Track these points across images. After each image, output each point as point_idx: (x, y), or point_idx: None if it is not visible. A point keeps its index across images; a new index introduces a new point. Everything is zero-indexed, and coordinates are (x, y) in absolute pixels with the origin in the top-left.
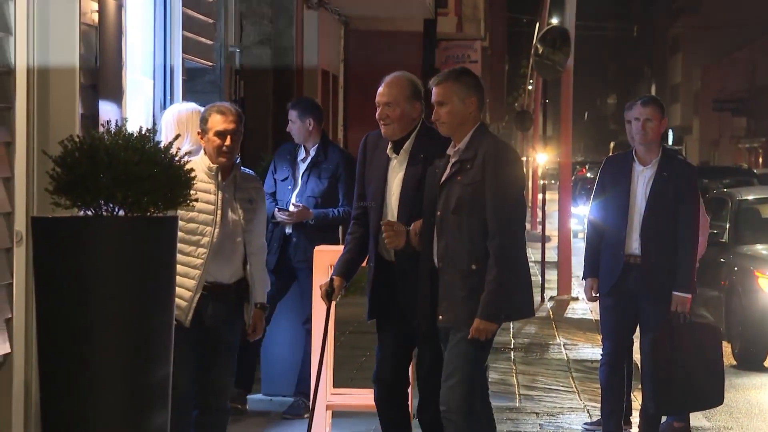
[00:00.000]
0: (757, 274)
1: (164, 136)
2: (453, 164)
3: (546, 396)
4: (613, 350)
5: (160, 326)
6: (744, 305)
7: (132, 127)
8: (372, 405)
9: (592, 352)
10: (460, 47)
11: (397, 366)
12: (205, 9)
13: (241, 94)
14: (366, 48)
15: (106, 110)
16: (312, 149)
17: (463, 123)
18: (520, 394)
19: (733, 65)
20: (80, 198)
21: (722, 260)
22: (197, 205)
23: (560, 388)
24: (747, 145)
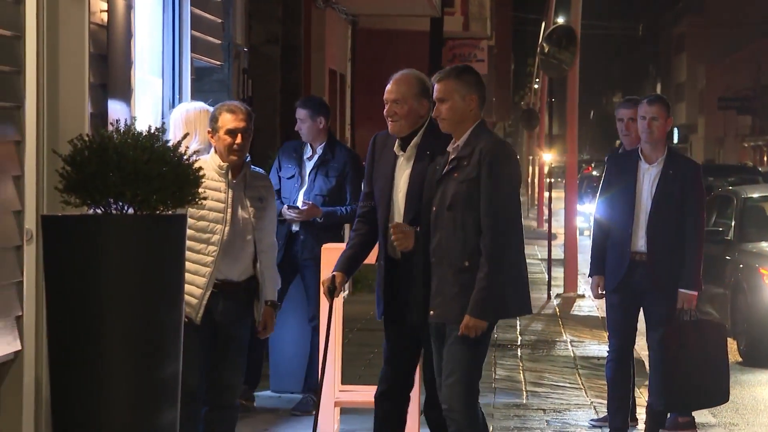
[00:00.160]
0: (763, 271)
1: (172, 135)
2: (451, 161)
3: (553, 393)
4: (619, 347)
5: (169, 323)
6: (749, 302)
7: (141, 126)
8: None
9: (598, 348)
10: (466, 46)
11: (403, 366)
12: (213, 8)
13: (249, 93)
14: (373, 47)
15: (116, 109)
16: (319, 148)
17: (463, 120)
18: (527, 391)
19: (738, 64)
20: (90, 196)
21: (727, 258)
22: (208, 204)
23: (567, 384)
24: (752, 144)
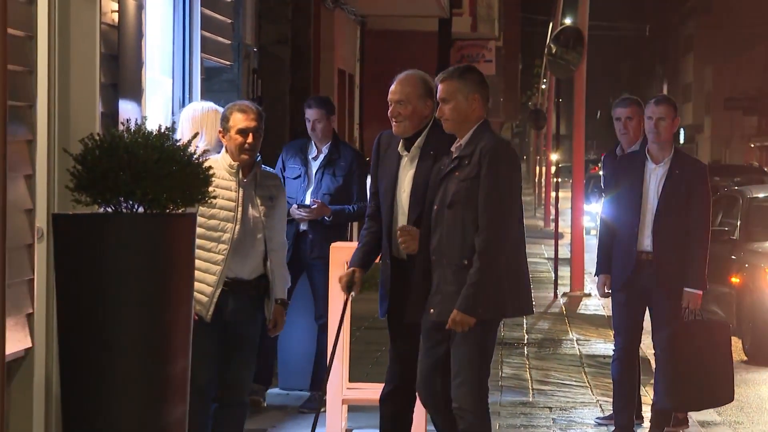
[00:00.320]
0: None
1: (180, 135)
2: (453, 160)
3: (559, 391)
4: (625, 346)
5: (178, 321)
6: (754, 301)
7: (151, 126)
8: None
9: (604, 347)
10: (474, 47)
11: (408, 366)
12: (223, 9)
13: (259, 93)
14: (382, 47)
15: (126, 109)
16: (325, 147)
17: (466, 120)
18: (533, 389)
19: (745, 65)
20: (100, 195)
21: (733, 257)
22: (218, 202)
23: (573, 383)
24: (758, 144)
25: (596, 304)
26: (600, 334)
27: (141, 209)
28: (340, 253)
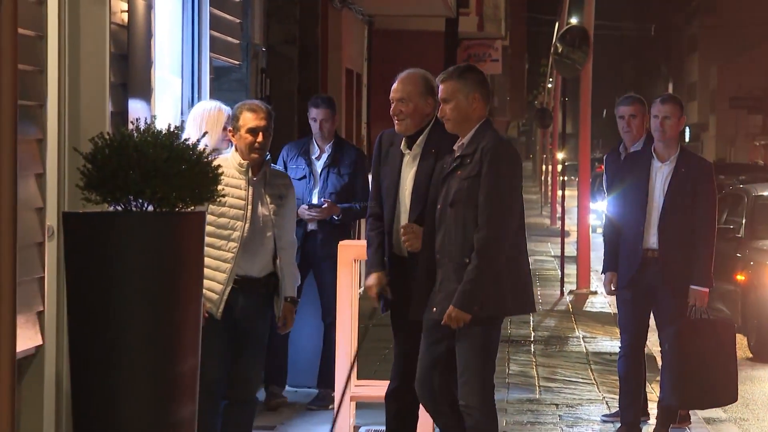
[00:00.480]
0: None
1: (188, 134)
2: (455, 159)
3: (565, 388)
4: (631, 343)
5: (188, 319)
6: (759, 299)
7: (160, 125)
8: None
9: (610, 344)
10: (481, 46)
11: (413, 363)
12: (231, 9)
13: (267, 92)
14: (389, 47)
15: (136, 108)
16: (328, 146)
17: (467, 119)
18: (540, 386)
19: (750, 64)
20: (110, 194)
21: (738, 255)
22: (228, 201)
23: (579, 380)
24: (762, 142)
25: (602, 301)
26: (606, 332)
27: (150, 208)
28: (348, 251)
